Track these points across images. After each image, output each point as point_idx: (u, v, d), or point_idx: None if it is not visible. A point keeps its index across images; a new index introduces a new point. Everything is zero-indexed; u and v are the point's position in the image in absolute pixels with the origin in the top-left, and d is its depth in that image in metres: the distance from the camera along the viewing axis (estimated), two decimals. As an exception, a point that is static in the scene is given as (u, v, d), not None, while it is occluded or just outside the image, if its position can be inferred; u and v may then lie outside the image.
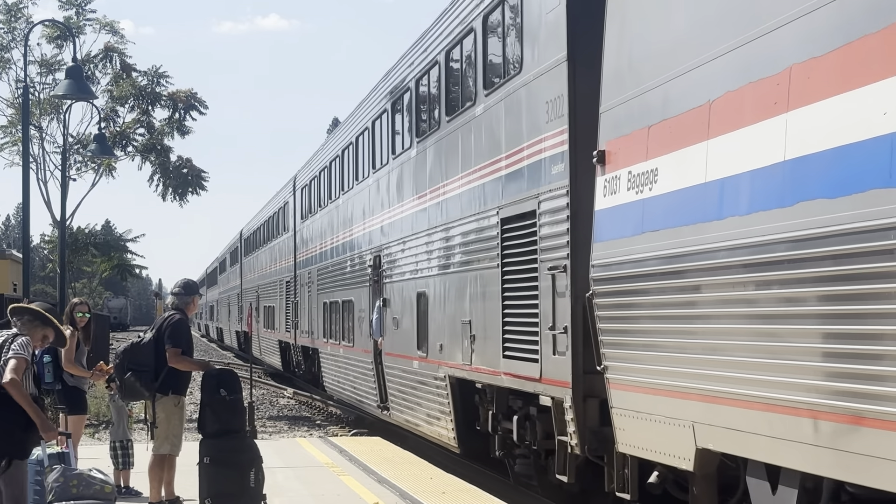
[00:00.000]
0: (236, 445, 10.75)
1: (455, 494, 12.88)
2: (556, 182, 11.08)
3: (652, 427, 9.04)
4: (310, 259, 30.01)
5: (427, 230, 16.45)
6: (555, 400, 11.21)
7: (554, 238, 11.13)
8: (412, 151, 17.51)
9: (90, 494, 9.70)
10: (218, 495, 10.61)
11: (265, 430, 24.79)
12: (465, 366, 14.33)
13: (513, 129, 12.54)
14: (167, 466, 11.37)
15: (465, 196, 14.39)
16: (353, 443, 18.67)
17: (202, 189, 38.03)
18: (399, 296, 18.53)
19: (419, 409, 17.36)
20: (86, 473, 10.11)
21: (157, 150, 36.54)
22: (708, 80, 7.98)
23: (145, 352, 11.15)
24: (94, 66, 35.96)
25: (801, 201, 6.76)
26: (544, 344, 11.37)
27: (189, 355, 11.38)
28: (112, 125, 36.09)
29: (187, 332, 11.44)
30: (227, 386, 10.87)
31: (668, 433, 8.76)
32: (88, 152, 34.62)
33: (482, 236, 13.60)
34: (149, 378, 11.09)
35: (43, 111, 35.73)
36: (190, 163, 37.69)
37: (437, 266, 15.88)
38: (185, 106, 36.47)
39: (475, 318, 13.93)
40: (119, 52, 36.26)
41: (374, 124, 20.99)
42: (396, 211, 18.58)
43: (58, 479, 9.81)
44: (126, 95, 36.01)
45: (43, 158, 36.04)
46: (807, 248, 6.70)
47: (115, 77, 36.21)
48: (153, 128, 36.53)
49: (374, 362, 20.69)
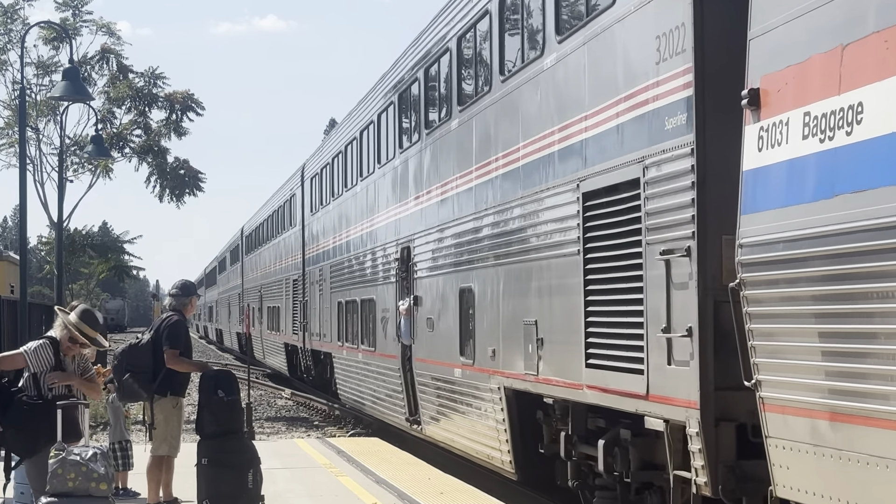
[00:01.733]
0: (234, 446, 10.69)
1: (453, 495, 12.76)
2: (672, 139, 8.50)
3: (837, 467, 6.50)
4: (321, 255, 27.41)
5: (473, 214, 13.87)
6: (670, 423, 8.64)
7: (669, 213, 8.55)
8: (452, 123, 14.92)
9: (85, 490, 9.18)
10: (216, 496, 10.53)
11: (263, 430, 24.65)
12: (528, 376, 11.76)
13: (601, 78, 9.96)
14: (165, 468, 11.32)
15: (528, 170, 11.81)
16: (351, 443, 18.61)
17: (199, 190, 38.20)
18: (435, 292, 15.95)
19: (461, 425, 14.78)
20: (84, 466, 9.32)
21: (154, 151, 36.79)
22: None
23: (143, 353, 11.10)
24: (90, 67, 36.15)
25: None
26: (653, 351, 8.81)
27: (187, 357, 11.38)
28: (109, 126, 36.28)
29: (185, 333, 11.41)
30: (225, 387, 10.83)
31: (868, 478, 6.21)
32: (85, 154, 34.50)
33: (554, 216, 11.02)
34: (147, 379, 11.02)
35: (40, 113, 35.79)
36: (187, 164, 37.81)
37: (488, 256, 13.29)
38: (181, 107, 36.61)
39: (543, 318, 11.36)
40: (116, 54, 36.46)
41: (401, 98, 18.41)
42: (432, 194, 15.98)
43: (57, 469, 9.23)
44: (123, 97, 36.22)
45: (40, 160, 36.28)
46: None
47: (111, 78, 36.40)
48: (150, 129, 36.70)
49: (402, 369, 18.12)
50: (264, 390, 37.35)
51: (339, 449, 17.20)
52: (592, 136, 10.07)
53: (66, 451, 9.26)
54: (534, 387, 11.67)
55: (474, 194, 13.86)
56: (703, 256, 8.10)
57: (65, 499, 9.13)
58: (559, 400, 11.18)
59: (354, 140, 22.78)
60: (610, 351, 9.69)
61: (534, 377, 11.61)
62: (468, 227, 14.09)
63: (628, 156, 9.26)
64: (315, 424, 26.93)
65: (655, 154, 8.75)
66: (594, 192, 10.04)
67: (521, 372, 12.03)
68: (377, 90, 20.73)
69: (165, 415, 11.14)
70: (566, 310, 10.69)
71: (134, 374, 11.01)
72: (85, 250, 41.34)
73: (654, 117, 8.78)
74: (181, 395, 11.39)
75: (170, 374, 11.09)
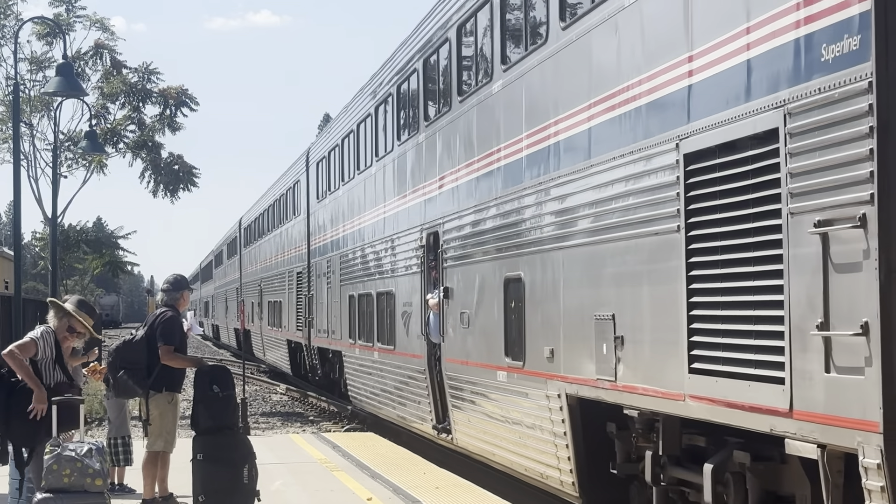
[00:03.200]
0: (229, 442, 10.63)
1: (448, 489, 12.65)
2: (834, 73, 6.40)
3: None
4: (329, 245, 25.29)
5: (522, 191, 11.78)
6: (828, 450, 6.55)
7: (829, 171, 6.45)
8: (494, 86, 12.82)
9: (80, 485, 9.14)
10: (211, 492, 10.49)
11: (258, 426, 24.46)
12: (600, 382, 9.67)
13: (715, 4, 7.87)
14: (161, 463, 11.29)
15: (604, 130, 9.70)
16: (347, 438, 18.48)
17: (193, 185, 37.94)
18: (471, 283, 13.87)
19: (505, 437, 12.70)
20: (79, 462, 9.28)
21: (148, 146, 36.63)
22: None
23: (137, 350, 11.09)
24: (84, 63, 36.05)
25: None
26: (801, 354, 6.71)
27: (182, 352, 11.30)
28: (103, 122, 36.22)
29: (179, 328, 11.31)
30: (219, 382, 10.76)
31: None
32: (79, 149, 34.35)
33: (641, 186, 8.91)
34: (141, 376, 11.02)
35: (33, 108, 35.84)
36: (181, 159, 37.68)
37: (544, 239, 11.20)
38: (175, 102, 36.52)
39: (624, 312, 9.27)
40: (109, 49, 36.39)
41: (426, 64, 16.29)
42: (469, 169, 13.88)
43: (52, 465, 9.22)
44: (117, 92, 36.13)
45: (34, 156, 36.26)
46: None
47: (105, 74, 36.29)
48: (144, 124, 36.65)
49: (429, 370, 16.03)
50: (259, 385, 36.84)
51: (334, 444, 17.24)
52: (698, 82, 7.97)
53: (62, 447, 9.18)
54: (609, 395, 9.58)
55: (525, 165, 11.76)
56: (887, 227, 6.02)
57: (60, 495, 9.06)
58: (646, 412, 9.09)
59: (369, 117, 20.65)
60: (727, 353, 7.60)
61: (609, 383, 9.52)
62: (516, 206, 11.99)
63: (759, 101, 7.16)
64: (310, 420, 26.45)
65: (806, 95, 6.65)
66: (701, 153, 7.94)
67: (590, 377, 9.94)
68: (396, 59, 18.63)
69: (160, 410, 11.10)
70: (659, 301, 8.60)
71: (129, 371, 11.04)
72: (79, 246, 41.23)
73: (804, 46, 6.68)
74: (177, 391, 11.34)
75: (165, 371, 11.08)
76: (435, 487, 12.70)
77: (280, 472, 13.98)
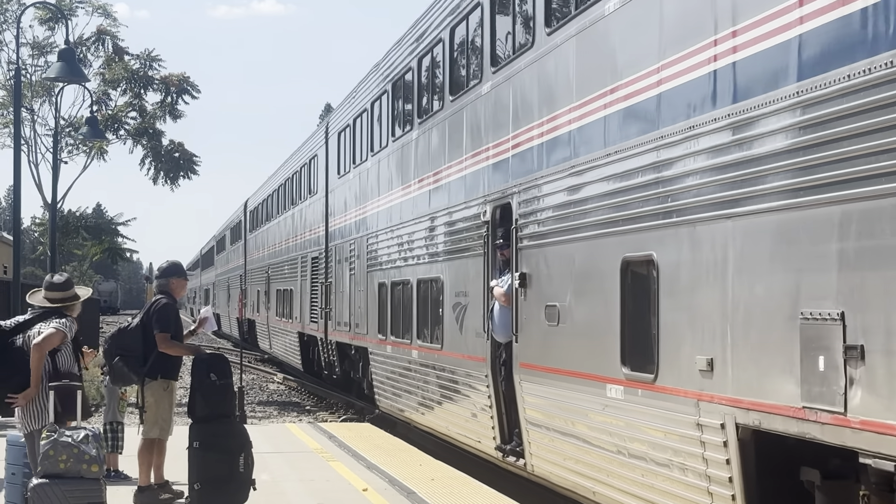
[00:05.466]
0: (226, 430, 10.51)
1: (444, 481, 12.58)
2: None
3: None
4: (352, 226, 22.09)
5: (662, 137, 8.58)
6: None
7: None
8: (609, 3, 9.61)
9: (77, 471, 8.92)
10: (207, 480, 10.33)
11: (255, 415, 24.11)
12: (813, 412, 6.49)
13: None
14: (157, 451, 11.19)
15: (766, 57, 6.50)
16: (343, 429, 18.33)
17: (193, 173, 37.76)
18: (565, 267, 10.68)
19: (620, 475, 9.51)
20: (76, 448, 9.03)
21: (148, 133, 36.57)
22: None
23: (132, 336, 11.01)
24: (86, 48, 35.96)
25: None
26: None
27: (178, 339, 11.15)
28: (104, 108, 35.99)
29: (175, 315, 11.21)
30: (217, 370, 10.61)
31: None
32: (80, 135, 33.97)
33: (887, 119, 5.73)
34: (137, 363, 10.96)
35: (35, 93, 35.77)
36: (182, 147, 37.50)
37: (697, 205, 8.00)
38: (177, 90, 36.44)
39: (860, 310, 6.09)
40: (111, 35, 36.27)
41: (493, 4, 13.10)
42: (560, 121, 10.68)
43: (48, 450, 8.98)
44: (118, 79, 36.01)
45: (34, 141, 36.21)
46: None
47: (107, 60, 36.17)
48: (145, 111, 36.53)
49: (492, 377, 12.88)
50: (256, 374, 36.50)
51: (330, 434, 17.19)
52: None
53: (58, 433, 9.09)
54: (829, 433, 6.39)
55: (660, 104, 8.56)
56: None
57: (56, 480, 8.95)
58: None
59: (409, 72, 17.44)
60: None
61: (829, 415, 6.34)
62: (651, 161, 8.79)
63: None
64: (307, 409, 26.18)
65: None
66: None
67: (787, 402, 6.76)
68: (438, 7, 15.43)
69: (156, 398, 11.02)
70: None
71: (124, 358, 10.98)
72: (78, 232, 40.54)
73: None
74: (173, 379, 11.22)
75: (160, 358, 10.98)
76: (430, 479, 12.69)
77: (276, 462, 13.91)
